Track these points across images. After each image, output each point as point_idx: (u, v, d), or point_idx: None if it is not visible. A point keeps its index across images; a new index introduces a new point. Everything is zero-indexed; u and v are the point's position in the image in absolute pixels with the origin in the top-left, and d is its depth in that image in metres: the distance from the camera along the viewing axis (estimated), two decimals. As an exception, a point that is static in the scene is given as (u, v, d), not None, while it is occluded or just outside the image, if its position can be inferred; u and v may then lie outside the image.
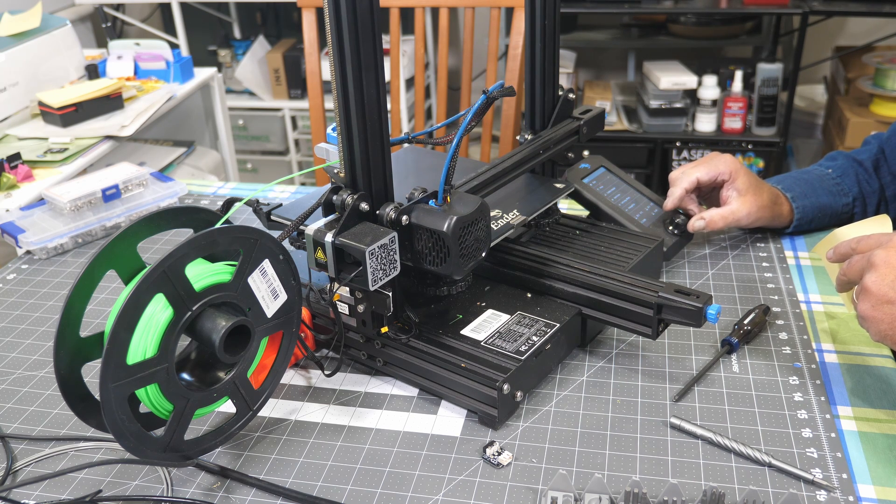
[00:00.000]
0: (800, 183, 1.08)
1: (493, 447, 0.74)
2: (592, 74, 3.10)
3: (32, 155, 1.57)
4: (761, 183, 1.05)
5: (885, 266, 0.73)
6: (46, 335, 0.96)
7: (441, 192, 0.76)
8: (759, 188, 1.04)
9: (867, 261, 0.75)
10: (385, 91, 0.73)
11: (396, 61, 1.80)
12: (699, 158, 1.21)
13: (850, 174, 1.09)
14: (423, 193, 0.76)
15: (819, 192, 1.08)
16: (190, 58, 2.06)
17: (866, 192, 1.09)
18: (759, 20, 2.70)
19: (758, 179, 1.05)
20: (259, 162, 3.15)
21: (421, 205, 0.75)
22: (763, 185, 1.05)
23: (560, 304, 0.86)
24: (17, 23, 1.82)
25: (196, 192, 1.32)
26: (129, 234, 0.70)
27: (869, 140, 1.14)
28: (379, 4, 0.69)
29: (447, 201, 0.76)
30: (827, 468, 0.70)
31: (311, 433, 0.78)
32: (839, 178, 1.09)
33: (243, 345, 0.70)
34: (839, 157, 1.12)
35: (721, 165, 1.04)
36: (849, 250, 0.80)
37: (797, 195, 1.07)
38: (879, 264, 0.74)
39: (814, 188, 1.08)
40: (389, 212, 0.75)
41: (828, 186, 1.09)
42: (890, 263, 0.73)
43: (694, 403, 0.79)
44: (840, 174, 1.09)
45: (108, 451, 0.78)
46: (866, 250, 0.78)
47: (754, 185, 1.04)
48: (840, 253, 0.82)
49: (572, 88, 1.06)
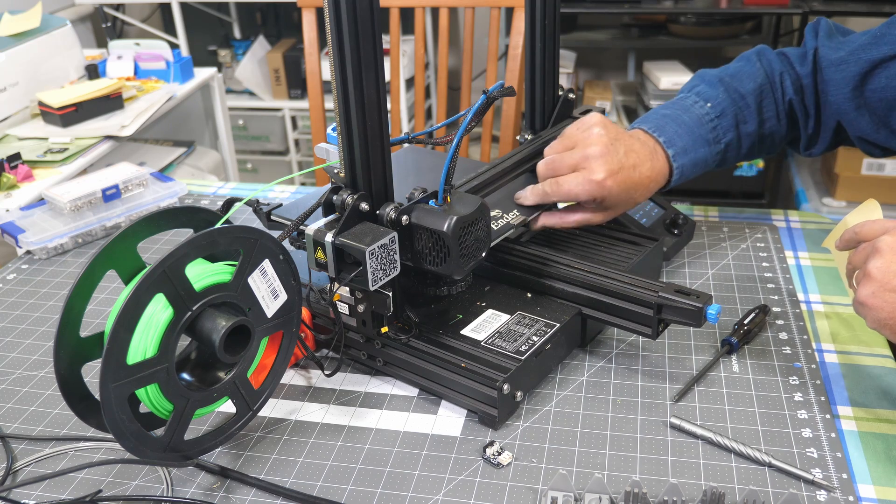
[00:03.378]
0: (681, 132, 0.94)
1: (493, 447, 0.74)
2: (592, 74, 3.10)
3: (32, 155, 1.57)
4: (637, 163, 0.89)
5: (892, 252, 0.71)
6: (46, 335, 0.96)
7: (441, 191, 0.76)
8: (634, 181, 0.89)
9: (872, 247, 0.73)
10: (385, 91, 0.73)
11: (396, 61, 1.80)
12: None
13: (728, 114, 0.96)
14: (423, 193, 0.76)
15: (698, 143, 0.94)
16: (190, 58, 2.06)
17: (742, 135, 0.97)
18: (759, 20, 2.71)
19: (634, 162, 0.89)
20: (259, 162, 3.15)
21: (421, 205, 0.76)
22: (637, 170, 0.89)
23: (560, 304, 0.86)
24: (17, 23, 1.82)
25: (196, 192, 1.32)
26: (129, 234, 0.70)
27: (752, 59, 1.00)
28: (379, 4, 0.69)
29: (447, 201, 0.76)
30: (827, 468, 0.70)
31: (311, 433, 0.78)
32: (717, 118, 0.96)
33: (243, 345, 0.70)
34: (719, 86, 0.98)
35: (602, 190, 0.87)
36: (852, 236, 0.77)
37: (678, 151, 0.93)
38: (885, 250, 0.71)
39: (693, 137, 0.94)
40: (389, 212, 0.75)
41: (705, 133, 0.95)
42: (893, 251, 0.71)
43: (694, 403, 0.79)
44: (718, 114, 0.96)
45: (108, 451, 0.78)
46: (871, 236, 0.75)
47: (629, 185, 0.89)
48: (845, 240, 0.79)
49: (572, 88, 1.05)
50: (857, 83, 0.93)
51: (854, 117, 0.95)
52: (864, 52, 0.92)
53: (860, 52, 0.93)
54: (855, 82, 0.93)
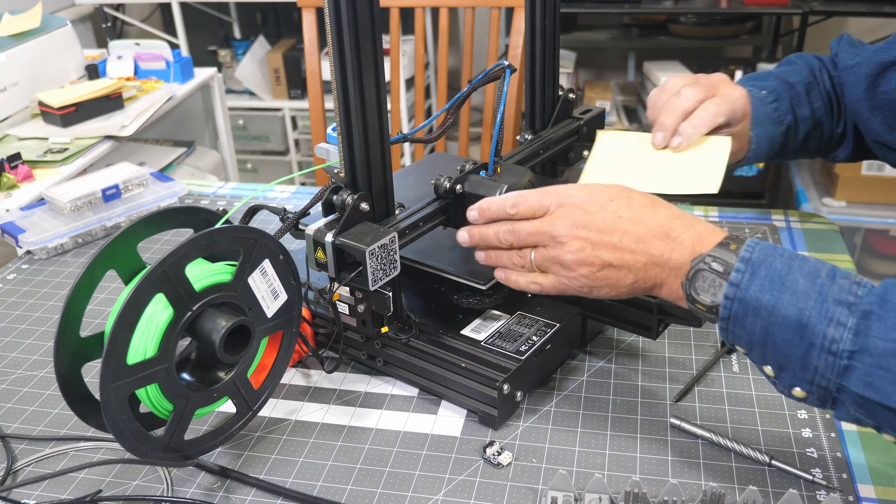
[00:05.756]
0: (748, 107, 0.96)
1: (493, 447, 0.74)
2: (592, 74, 3.10)
3: (32, 155, 1.57)
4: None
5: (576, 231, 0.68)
6: (46, 335, 0.96)
7: (491, 163, 0.83)
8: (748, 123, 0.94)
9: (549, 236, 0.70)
10: (385, 91, 0.73)
11: (396, 61, 1.80)
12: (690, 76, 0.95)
13: (784, 98, 0.97)
14: (474, 165, 0.82)
15: (765, 119, 0.95)
16: (190, 58, 2.06)
17: (799, 119, 0.98)
18: (759, 20, 2.70)
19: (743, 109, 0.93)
20: (259, 162, 3.15)
21: (473, 175, 0.80)
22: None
23: (560, 304, 0.86)
24: (17, 23, 1.82)
25: (196, 192, 1.32)
26: (129, 234, 0.70)
27: (794, 60, 1.03)
28: (379, 4, 0.69)
29: (497, 172, 0.83)
30: (827, 468, 0.70)
31: (311, 433, 0.78)
32: (775, 101, 0.96)
33: (243, 345, 0.70)
34: (769, 78, 0.99)
35: (737, 104, 0.91)
36: (504, 213, 0.73)
37: (751, 122, 0.94)
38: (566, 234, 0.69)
39: (759, 113, 0.95)
40: (444, 182, 0.79)
41: (768, 112, 0.96)
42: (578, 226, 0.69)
43: (694, 403, 0.79)
44: (775, 98, 0.97)
45: (108, 451, 0.78)
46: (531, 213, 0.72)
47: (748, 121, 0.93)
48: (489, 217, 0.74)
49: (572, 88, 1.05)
50: (869, 85, 0.94)
51: (868, 119, 0.96)
52: (877, 55, 0.94)
53: (873, 55, 0.94)
54: (867, 84, 0.94)
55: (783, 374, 0.62)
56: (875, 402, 0.58)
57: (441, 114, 0.91)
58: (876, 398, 0.58)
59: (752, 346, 0.63)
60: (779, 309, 0.60)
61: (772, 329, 0.61)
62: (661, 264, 0.67)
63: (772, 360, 0.62)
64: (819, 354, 0.59)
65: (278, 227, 0.77)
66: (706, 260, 0.64)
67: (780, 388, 0.64)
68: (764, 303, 0.61)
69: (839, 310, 0.59)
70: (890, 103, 0.94)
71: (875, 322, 0.58)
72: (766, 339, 0.61)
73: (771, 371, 0.63)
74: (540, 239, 0.71)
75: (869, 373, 0.57)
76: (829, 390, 0.60)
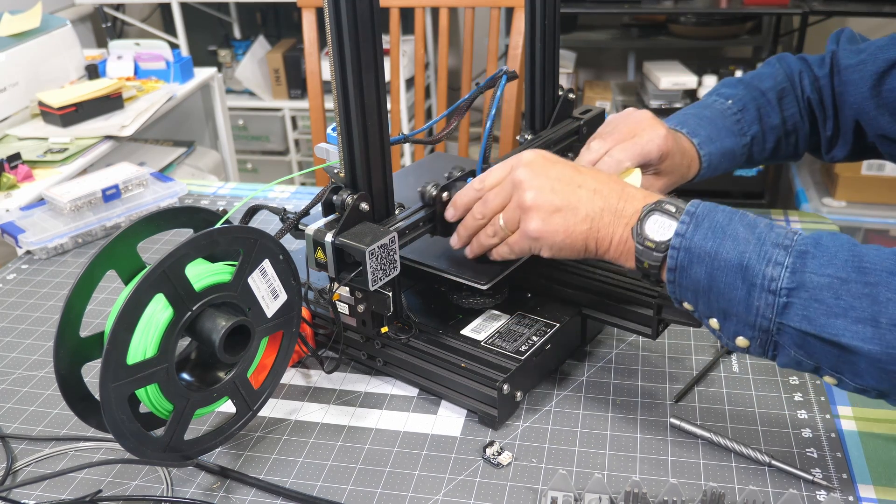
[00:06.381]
0: (703, 123, 0.94)
1: (493, 447, 0.74)
2: (592, 74, 3.10)
3: (32, 155, 1.57)
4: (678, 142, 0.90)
5: (536, 179, 0.71)
6: (46, 335, 0.96)
7: (479, 169, 0.83)
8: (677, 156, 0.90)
9: (511, 184, 0.73)
10: (385, 91, 0.73)
11: (396, 61, 1.80)
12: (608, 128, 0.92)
13: (750, 108, 0.97)
14: (461, 172, 0.81)
15: (722, 133, 0.94)
16: (190, 58, 2.06)
17: (766, 129, 0.97)
18: (759, 20, 2.71)
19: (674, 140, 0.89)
20: (259, 162, 3.15)
21: (459, 182, 0.81)
22: (679, 148, 0.90)
23: (560, 304, 0.86)
24: (17, 23, 1.82)
25: (196, 192, 1.32)
26: (129, 234, 0.70)
27: (773, 62, 1.02)
28: (379, 4, 0.69)
29: None
30: (827, 468, 0.70)
31: (311, 433, 0.78)
32: (739, 112, 0.96)
33: (243, 345, 0.70)
34: (739, 86, 0.99)
35: (648, 146, 0.87)
36: (473, 194, 0.77)
37: (703, 140, 0.93)
38: (527, 180, 0.71)
39: (717, 128, 0.94)
40: (430, 188, 0.79)
41: (729, 125, 0.95)
42: (538, 174, 0.71)
43: (694, 403, 0.79)
44: (740, 108, 0.96)
45: (108, 451, 0.78)
46: (498, 182, 0.75)
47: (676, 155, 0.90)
48: (463, 204, 0.78)
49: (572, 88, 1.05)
50: (875, 82, 0.94)
51: (874, 115, 0.96)
52: (882, 52, 0.94)
53: (878, 52, 0.94)
54: (873, 81, 0.94)
55: (727, 322, 0.65)
56: (812, 336, 0.61)
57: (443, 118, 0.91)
58: (812, 331, 0.61)
59: (699, 296, 0.66)
60: (721, 254, 0.63)
61: (715, 274, 0.64)
62: (615, 212, 0.70)
63: (716, 308, 0.65)
64: (760, 294, 0.62)
65: (278, 227, 0.77)
66: (658, 203, 0.67)
67: (725, 340, 0.67)
68: (707, 249, 0.64)
69: (777, 251, 0.62)
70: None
71: (810, 260, 0.61)
72: (711, 284, 0.64)
73: (716, 323, 0.66)
74: (505, 192, 0.74)
75: (805, 306, 0.61)
76: (770, 332, 0.63)
